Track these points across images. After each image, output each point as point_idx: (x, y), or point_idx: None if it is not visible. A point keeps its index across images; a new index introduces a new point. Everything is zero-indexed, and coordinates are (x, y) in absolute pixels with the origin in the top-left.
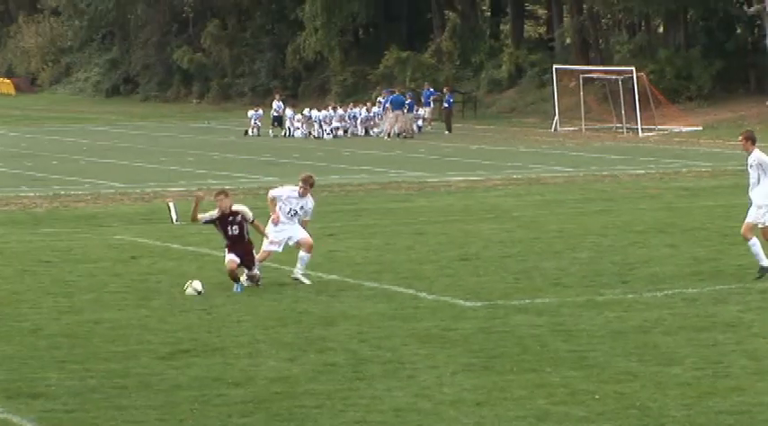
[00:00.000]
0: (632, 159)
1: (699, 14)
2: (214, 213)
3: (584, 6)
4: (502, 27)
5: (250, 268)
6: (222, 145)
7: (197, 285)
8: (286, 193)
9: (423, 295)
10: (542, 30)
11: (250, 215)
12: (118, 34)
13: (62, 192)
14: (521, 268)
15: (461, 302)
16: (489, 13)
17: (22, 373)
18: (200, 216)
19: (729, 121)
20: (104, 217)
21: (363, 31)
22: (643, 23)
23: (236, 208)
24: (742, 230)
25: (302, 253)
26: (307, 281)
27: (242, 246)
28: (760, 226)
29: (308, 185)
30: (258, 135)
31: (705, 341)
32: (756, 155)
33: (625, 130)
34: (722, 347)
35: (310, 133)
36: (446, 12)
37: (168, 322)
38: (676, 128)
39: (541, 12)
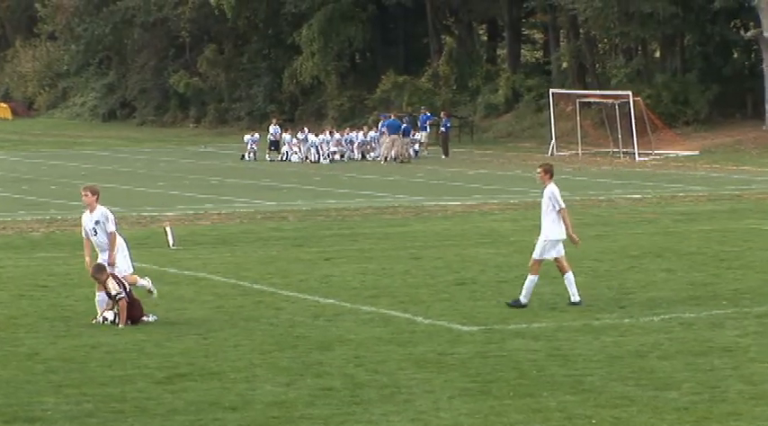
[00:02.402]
0: (629, 184)
1: (695, 39)
2: None
3: (581, 31)
4: (498, 51)
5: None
6: (219, 169)
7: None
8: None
9: (419, 319)
10: (539, 54)
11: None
12: (114, 59)
13: (59, 217)
14: (517, 292)
15: (458, 326)
16: (486, 38)
17: (18, 397)
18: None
19: (726, 146)
20: None
21: (360, 55)
22: (640, 48)
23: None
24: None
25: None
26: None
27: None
28: (545, 257)
29: (89, 191)
30: (255, 159)
31: (702, 366)
32: (551, 189)
33: (622, 155)
34: (719, 372)
35: (307, 157)
36: (443, 36)
37: (165, 346)
38: (673, 153)
39: (538, 36)
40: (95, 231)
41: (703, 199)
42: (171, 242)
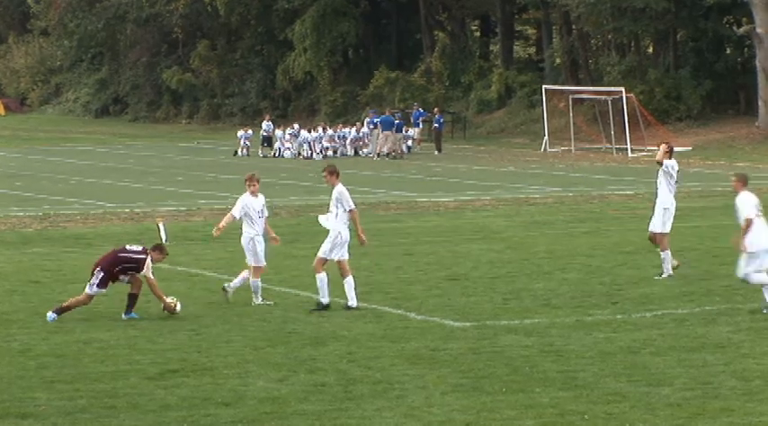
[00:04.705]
0: (621, 180)
1: (688, 35)
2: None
3: (574, 27)
4: (491, 47)
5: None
6: (212, 165)
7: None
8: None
9: (412, 315)
10: (532, 50)
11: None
12: (107, 55)
13: (52, 212)
14: (510, 288)
15: (450, 322)
16: (479, 34)
17: (10, 393)
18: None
19: (719, 142)
20: (94, 237)
21: (353, 51)
22: (633, 44)
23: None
24: (314, 263)
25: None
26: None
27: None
28: (330, 257)
29: (257, 181)
30: (248, 155)
31: (694, 362)
32: (339, 189)
33: (614, 151)
34: (711, 368)
35: (300, 153)
36: (435, 32)
37: (157, 342)
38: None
39: (531, 32)
40: (261, 214)
41: (696, 195)
42: (163, 238)
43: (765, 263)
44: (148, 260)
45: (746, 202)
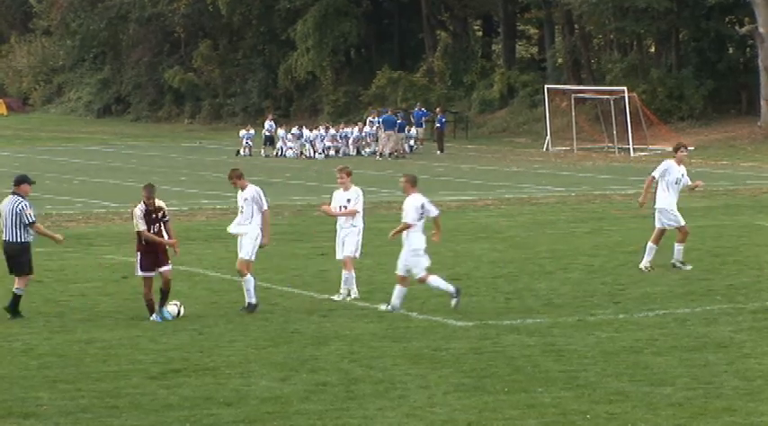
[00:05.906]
0: (624, 179)
1: (690, 34)
2: (138, 212)
3: (576, 26)
4: (493, 47)
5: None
6: (214, 164)
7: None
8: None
9: (414, 314)
10: (534, 50)
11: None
12: (109, 54)
13: (54, 212)
14: (512, 288)
15: (452, 322)
16: (481, 34)
17: (13, 393)
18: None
19: (721, 142)
20: (96, 237)
21: (355, 51)
22: (635, 43)
23: (159, 203)
24: (237, 265)
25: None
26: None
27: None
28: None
29: (344, 173)
30: (250, 155)
31: (696, 362)
32: (252, 190)
33: (617, 150)
34: (713, 367)
35: (302, 153)
36: (437, 32)
37: (159, 342)
38: (668, 149)
39: (533, 32)
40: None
41: (698, 195)
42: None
43: (424, 263)
44: (135, 209)
45: (412, 206)
